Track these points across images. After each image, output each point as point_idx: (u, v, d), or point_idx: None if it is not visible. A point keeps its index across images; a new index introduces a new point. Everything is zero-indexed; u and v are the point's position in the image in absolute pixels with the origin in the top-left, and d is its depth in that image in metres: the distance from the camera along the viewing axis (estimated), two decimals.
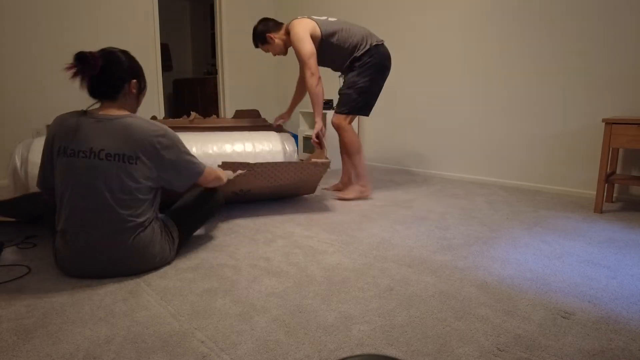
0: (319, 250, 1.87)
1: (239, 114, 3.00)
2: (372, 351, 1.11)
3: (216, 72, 5.02)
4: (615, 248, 1.90)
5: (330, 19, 2.71)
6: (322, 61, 2.69)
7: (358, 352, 1.11)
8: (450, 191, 3.09)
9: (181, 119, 2.78)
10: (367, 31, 2.70)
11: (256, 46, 2.80)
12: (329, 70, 2.88)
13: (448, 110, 3.62)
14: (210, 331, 1.21)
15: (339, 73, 2.91)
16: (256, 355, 1.10)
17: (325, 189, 3.06)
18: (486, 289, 1.48)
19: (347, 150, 2.76)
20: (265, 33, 2.71)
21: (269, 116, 5.33)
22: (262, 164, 2.23)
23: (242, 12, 4.90)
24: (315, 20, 2.65)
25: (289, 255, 1.80)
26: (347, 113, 2.70)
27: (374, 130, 4.27)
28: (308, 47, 2.56)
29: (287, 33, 2.69)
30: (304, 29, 2.58)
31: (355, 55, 2.65)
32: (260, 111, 5.17)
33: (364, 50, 2.63)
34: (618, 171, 2.79)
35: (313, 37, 2.60)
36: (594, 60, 2.80)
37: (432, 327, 1.23)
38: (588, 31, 2.81)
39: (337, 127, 2.73)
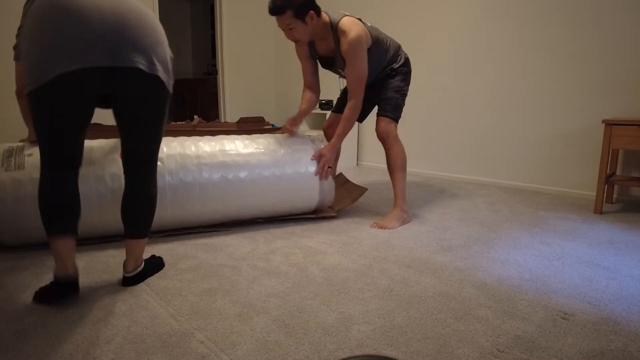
0: (318, 250, 1.87)
1: (243, 121, 2.95)
2: (372, 352, 1.11)
3: (216, 73, 5.02)
4: (615, 249, 1.90)
5: (368, 23, 2.26)
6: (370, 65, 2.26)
7: (358, 353, 1.11)
8: (450, 192, 3.09)
9: (184, 122, 2.77)
10: (397, 42, 2.40)
11: (278, 12, 2.02)
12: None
13: (448, 112, 3.62)
14: (209, 331, 1.21)
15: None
16: (256, 355, 1.09)
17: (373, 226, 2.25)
18: (486, 289, 1.48)
19: (393, 165, 2.26)
20: (309, 8, 2.05)
21: (270, 117, 5.34)
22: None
23: (242, 12, 4.91)
24: (364, 24, 2.17)
25: (288, 256, 1.80)
26: (393, 119, 2.26)
27: (373, 131, 4.27)
28: (365, 67, 2.10)
29: (329, 26, 2.13)
30: (363, 37, 2.08)
31: (392, 66, 2.33)
32: (260, 111, 5.19)
33: (401, 62, 2.34)
34: (618, 172, 2.79)
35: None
36: (594, 61, 2.80)
37: (431, 328, 1.23)
38: (588, 32, 2.81)
39: (387, 135, 2.23)
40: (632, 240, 2.03)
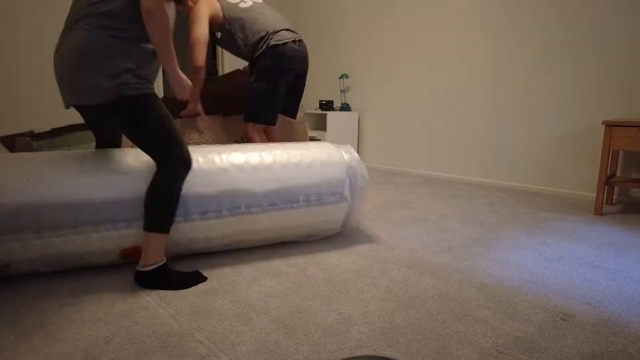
0: (318, 251, 1.87)
1: (225, 77, 2.83)
2: (372, 353, 1.11)
3: (217, 73, 5.02)
4: (615, 250, 1.90)
5: (241, 5, 2.29)
6: (234, 48, 2.36)
7: (357, 354, 1.11)
8: (449, 193, 3.09)
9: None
10: (273, 27, 2.28)
11: None
12: (330, 71, 2.76)
13: (448, 112, 3.62)
14: (209, 332, 1.21)
15: (339, 75, 2.61)
16: (255, 356, 1.09)
17: None
18: (486, 290, 1.48)
19: None
20: None
21: None
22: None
23: None
24: (227, 2, 2.27)
25: (288, 256, 1.80)
26: (245, 120, 2.36)
27: (373, 131, 4.27)
28: (196, 31, 2.14)
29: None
30: (205, 8, 2.18)
31: (254, 54, 2.28)
32: None
33: (260, 52, 2.25)
34: (618, 173, 2.79)
35: (214, 19, 2.23)
36: (595, 62, 2.81)
37: (431, 329, 1.23)
38: (588, 33, 2.81)
39: (245, 133, 2.44)
40: (632, 241, 2.03)
